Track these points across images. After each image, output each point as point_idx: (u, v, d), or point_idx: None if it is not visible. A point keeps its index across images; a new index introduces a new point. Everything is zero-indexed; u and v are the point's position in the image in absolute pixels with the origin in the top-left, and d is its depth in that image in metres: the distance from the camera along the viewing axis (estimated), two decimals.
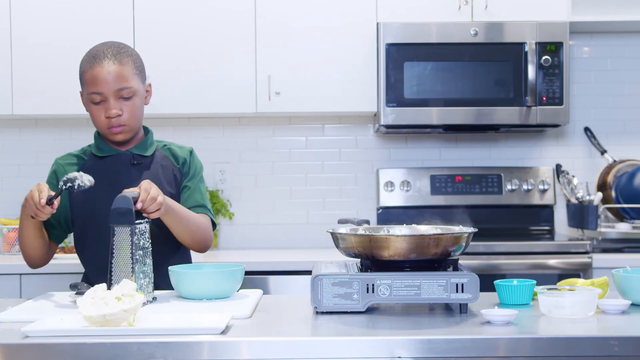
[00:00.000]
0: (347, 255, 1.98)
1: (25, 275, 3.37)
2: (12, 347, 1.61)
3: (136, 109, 2.33)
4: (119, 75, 2.27)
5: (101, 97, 2.29)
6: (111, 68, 2.27)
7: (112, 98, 2.28)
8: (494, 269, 3.38)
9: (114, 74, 2.27)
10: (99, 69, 2.27)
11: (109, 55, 2.28)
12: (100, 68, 2.27)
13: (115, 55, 2.29)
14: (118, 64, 2.28)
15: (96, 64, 2.27)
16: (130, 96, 2.30)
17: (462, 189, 3.94)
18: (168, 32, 3.67)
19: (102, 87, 2.27)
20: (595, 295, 1.83)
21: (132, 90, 2.30)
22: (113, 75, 2.27)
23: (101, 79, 2.26)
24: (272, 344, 1.63)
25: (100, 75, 2.26)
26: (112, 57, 2.28)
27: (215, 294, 2.06)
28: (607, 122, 4.07)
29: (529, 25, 3.62)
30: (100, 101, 2.29)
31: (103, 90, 2.27)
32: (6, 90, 3.65)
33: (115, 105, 2.29)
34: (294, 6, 3.68)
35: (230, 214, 3.97)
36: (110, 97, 2.28)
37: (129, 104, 2.31)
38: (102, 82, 2.26)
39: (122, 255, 1.99)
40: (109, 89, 2.27)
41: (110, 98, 2.28)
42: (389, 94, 3.62)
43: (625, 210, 3.86)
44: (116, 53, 2.29)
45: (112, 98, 2.28)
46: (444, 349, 1.61)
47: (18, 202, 3.97)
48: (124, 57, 2.30)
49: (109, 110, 2.29)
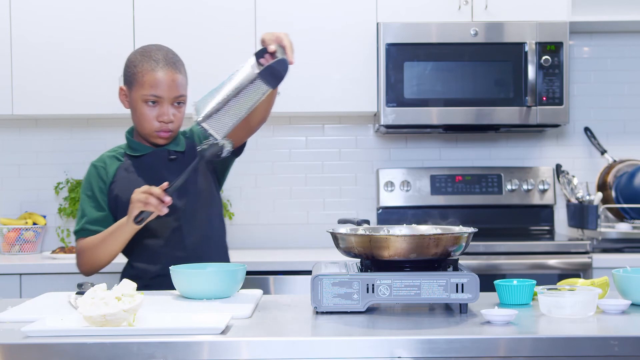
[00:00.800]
0: (347, 255, 1.98)
1: (25, 275, 3.37)
2: (12, 347, 1.61)
3: (182, 118, 2.42)
4: (179, 83, 2.37)
5: (158, 100, 2.35)
6: (174, 76, 2.36)
7: (167, 103, 2.36)
8: (494, 269, 3.38)
9: (176, 81, 2.36)
10: (162, 74, 2.34)
11: (169, 63, 2.36)
12: (162, 74, 2.34)
13: (175, 63, 2.38)
14: (178, 72, 2.38)
15: (159, 69, 2.35)
16: (182, 103, 2.40)
17: (462, 189, 3.94)
18: (168, 32, 3.67)
19: (162, 91, 2.34)
20: (595, 295, 1.83)
21: (185, 98, 2.41)
22: (174, 83, 2.36)
23: (162, 85, 2.34)
24: (272, 344, 1.63)
25: (162, 80, 2.34)
26: (172, 64, 2.37)
27: (215, 293, 2.05)
28: (607, 122, 4.07)
29: (529, 25, 3.62)
30: (155, 103, 2.35)
31: (163, 95, 2.35)
32: (6, 90, 3.65)
33: (170, 111, 2.37)
34: (294, 6, 3.68)
35: (230, 214, 3.97)
36: (166, 102, 2.36)
37: (180, 111, 2.40)
38: (162, 87, 2.34)
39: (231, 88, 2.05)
40: (168, 94, 2.35)
41: (166, 103, 2.36)
42: (389, 94, 3.62)
43: (625, 210, 3.86)
44: (175, 60, 2.39)
45: (167, 103, 2.36)
46: (444, 349, 1.61)
47: (18, 202, 4.01)
48: (181, 66, 2.41)
49: (163, 115, 2.36)
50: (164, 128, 2.38)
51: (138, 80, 2.36)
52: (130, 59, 2.41)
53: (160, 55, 2.37)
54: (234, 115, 2.08)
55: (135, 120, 2.43)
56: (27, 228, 3.77)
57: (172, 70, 2.36)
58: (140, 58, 2.38)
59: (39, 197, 4.01)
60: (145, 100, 2.36)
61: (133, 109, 2.41)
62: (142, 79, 2.35)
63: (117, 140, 3.98)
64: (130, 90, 2.40)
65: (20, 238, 3.74)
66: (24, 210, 4.00)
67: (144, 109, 2.37)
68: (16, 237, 3.74)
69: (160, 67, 2.34)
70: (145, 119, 2.37)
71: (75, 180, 3.92)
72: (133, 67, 2.38)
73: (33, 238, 3.78)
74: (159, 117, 2.36)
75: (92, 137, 4.02)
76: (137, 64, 2.37)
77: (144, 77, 2.35)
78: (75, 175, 3.98)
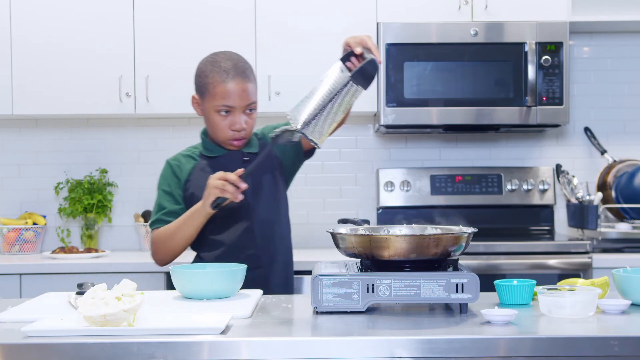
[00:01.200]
0: (347, 255, 1.98)
1: (25, 275, 3.37)
2: (12, 347, 1.61)
3: (255, 121, 2.46)
4: (248, 92, 2.40)
5: (230, 109, 2.39)
6: (244, 85, 2.39)
7: (239, 112, 2.40)
8: (494, 269, 3.38)
9: (247, 91, 2.39)
10: (233, 85, 2.38)
11: (239, 72, 2.39)
12: (233, 85, 2.38)
13: (244, 72, 2.40)
14: (247, 81, 2.40)
15: (229, 80, 2.38)
16: (253, 110, 2.43)
17: (462, 189, 3.94)
18: (168, 32, 3.67)
19: (233, 102, 2.38)
20: (595, 295, 1.83)
21: (255, 105, 2.44)
22: (246, 92, 2.39)
23: (233, 95, 2.38)
24: (272, 344, 1.63)
25: (233, 91, 2.37)
26: (241, 74, 2.39)
27: (216, 293, 2.06)
28: (607, 122, 4.07)
29: (529, 25, 3.62)
30: (227, 113, 2.39)
31: (235, 105, 2.38)
32: (6, 90, 3.65)
33: (242, 120, 2.40)
34: (294, 6, 3.68)
35: None
36: (238, 111, 2.40)
37: (251, 117, 2.44)
38: (233, 97, 2.38)
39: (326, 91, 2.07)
40: (239, 104, 2.39)
41: (238, 112, 2.40)
42: (389, 94, 3.62)
43: (625, 210, 3.86)
44: (243, 69, 2.41)
45: (239, 112, 2.40)
46: (444, 349, 1.61)
47: (18, 202, 4.01)
48: (250, 73, 2.43)
49: (235, 124, 2.40)
50: (237, 136, 2.42)
51: (209, 91, 2.40)
52: (201, 69, 2.44)
53: (230, 64, 2.40)
54: (330, 119, 2.11)
55: (209, 128, 2.48)
56: (27, 228, 3.77)
57: (242, 79, 2.39)
58: (210, 68, 2.41)
59: (39, 197, 4.01)
60: (217, 110, 2.40)
61: (206, 117, 2.46)
62: (213, 90, 2.39)
63: (117, 140, 4.01)
64: (202, 99, 2.44)
65: (20, 238, 3.74)
66: (24, 210, 4.00)
67: (217, 119, 2.41)
68: (16, 237, 3.74)
69: (231, 78, 2.38)
70: (219, 128, 2.42)
71: (75, 180, 3.92)
72: (204, 78, 2.42)
73: (33, 238, 3.78)
74: (232, 126, 2.41)
75: (92, 137, 4.02)
76: (208, 74, 2.41)
77: (215, 88, 2.39)
78: (75, 175, 3.98)
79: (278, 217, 2.52)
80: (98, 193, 3.86)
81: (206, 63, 2.44)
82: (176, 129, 4.02)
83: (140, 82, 3.65)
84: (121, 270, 3.35)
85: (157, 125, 4.03)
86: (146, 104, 3.66)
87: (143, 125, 4.02)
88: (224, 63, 2.40)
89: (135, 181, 4.02)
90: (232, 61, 2.41)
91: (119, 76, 3.65)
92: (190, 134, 4.02)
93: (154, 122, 4.02)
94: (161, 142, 4.03)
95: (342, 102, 2.11)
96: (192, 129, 4.02)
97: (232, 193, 2.22)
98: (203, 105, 2.45)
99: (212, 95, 2.40)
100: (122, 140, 4.03)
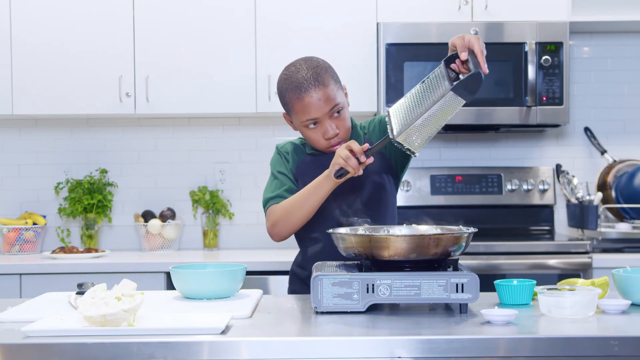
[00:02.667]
0: (347, 255, 1.98)
1: (25, 275, 3.37)
2: (12, 347, 1.61)
3: (346, 120, 2.40)
4: (327, 98, 2.33)
5: (316, 120, 2.35)
6: (319, 94, 2.32)
7: (325, 120, 2.35)
8: (494, 269, 3.38)
9: (323, 98, 2.33)
10: (308, 98, 2.32)
11: (311, 81, 2.33)
12: (309, 98, 2.32)
13: (317, 80, 2.33)
14: (323, 87, 2.33)
15: (304, 94, 2.33)
16: (339, 110, 2.37)
17: (462, 189, 3.94)
18: (168, 32, 3.67)
19: (315, 113, 2.33)
20: (595, 295, 1.83)
21: (340, 105, 2.37)
22: (323, 100, 2.33)
23: (313, 107, 2.32)
24: (272, 344, 1.63)
25: (311, 104, 2.32)
26: (315, 83, 2.33)
27: (216, 293, 2.05)
28: (607, 122, 4.07)
29: (529, 25, 3.62)
30: (315, 124, 2.36)
31: (317, 116, 2.34)
32: (6, 90, 3.65)
33: (331, 126, 2.35)
34: (294, 6, 3.68)
35: (230, 214, 3.97)
36: (324, 119, 2.35)
37: (340, 118, 2.37)
38: (314, 109, 2.33)
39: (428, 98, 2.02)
40: (322, 113, 2.33)
41: (325, 120, 2.35)
42: (389, 94, 3.62)
43: (625, 210, 3.86)
44: (317, 76, 2.34)
45: (325, 120, 2.35)
46: (444, 349, 1.61)
47: (18, 202, 4.01)
48: (324, 78, 2.35)
49: (327, 133, 2.35)
50: (333, 143, 2.37)
51: (291, 109, 2.38)
52: (279, 89, 2.41)
53: (302, 75, 2.34)
54: (428, 130, 2.05)
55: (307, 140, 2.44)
56: (27, 228, 3.77)
57: (317, 88, 2.33)
58: (286, 86, 2.37)
59: (39, 197, 4.01)
60: (305, 125, 2.37)
61: (300, 132, 2.43)
62: (293, 108, 2.36)
63: (117, 140, 4.01)
64: (290, 116, 2.42)
65: (20, 238, 3.74)
66: (24, 210, 4.00)
67: (308, 133, 2.38)
68: (16, 237, 3.74)
69: (305, 90, 2.32)
70: (313, 141, 2.39)
71: (75, 180, 3.92)
72: (283, 97, 2.39)
73: (33, 238, 3.78)
74: (324, 135, 2.37)
75: (92, 137, 4.02)
76: (285, 93, 2.38)
77: (294, 106, 2.35)
78: (75, 175, 3.98)
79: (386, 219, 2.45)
80: (98, 193, 3.86)
81: (282, 81, 2.40)
82: (176, 129, 4.02)
83: (140, 82, 3.65)
84: (121, 270, 3.36)
85: (157, 125, 4.03)
86: (146, 104, 3.66)
87: (143, 125, 4.02)
88: (295, 76, 2.35)
89: (135, 181, 4.02)
90: (303, 71, 2.35)
91: (119, 76, 3.65)
92: (191, 133, 4.02)
93: (154, 122, 4.02)
94: (161, 142, 4.03)
95: (442, 113, 2.03)
96: (192, 129, 4.03)
97: (353, 168, 2.15)
98: (293, 121, 2.43)
99: (295, 112, 2.37)
100: (122, 140, 4.03)
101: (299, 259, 2.52)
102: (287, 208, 2.35)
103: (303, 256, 2.49)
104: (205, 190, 3.95)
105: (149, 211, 3.93)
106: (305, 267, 2.46)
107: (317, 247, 2.43)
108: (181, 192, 4.02)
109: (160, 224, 3.84)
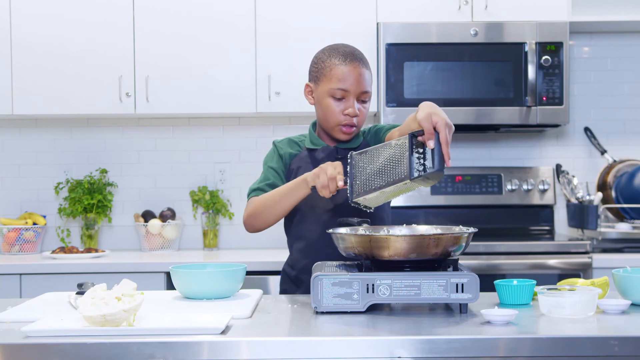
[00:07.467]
0: (347, 255, 1.99)
1: (25, 275, 3.37)
2: (12, 347, 1.62)
3: (366, 113, 2.43)
4: (366, 78, 2.38)
5: (344, 94, 2.37)
6: (362, 70, 2.37)
7: (354, 98, 2.37)
8: (494, 269, 3.38)
9: (363, 76, 2.37)
10: (351, 68, 2.36)
11: (360, 58, 2.39)
12: (353, 67, 2.36)
13: (362, 59, 2.39)
14: (365, 67, 2.39)
15: (349, 63, 2.36)
16: (367, 100, 2.41)
17: (462, 189, 3.94)
18: (168, 32, 3.67)
19: (349, 85, 2.36)
20: (595, 295, 1.83)
21: (369, 95, 2.41)
22: (363, 77, 2.37)
23: (351, 78, 2.35)
24: (272, 344, 1.63)
25: (353, 73, 2.36)
26: (360, 59, 2.38)
27: (216, 293, 2.06)
28: (607, 122, 4.07)
29: (529, 25, 3.62)
30: (341, 98, 2.38)
31: (351, 88, 2.36)
32: (6, 90, 3.65)
33: (356, 105, 2.37)
34: (294, 6, 3.68)
35: (230, 214, 3.97)
36: (352, 96, 2.37)
37: (365, 107, 2.41)
38: (353, 80, 2.36)
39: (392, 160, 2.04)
40: (356, 88, 2.36)
41: (352, 97, 2.37)
42: (389, 94, 3.62)
43: (625, 210, 3.86)
44: (361, 57, 2.40)
45: (354, 98, 2.37)
46: (444, 349, 1.61)
47: (18, 202, 4.01)
48: (367, 63, 2.42)
49: (348, 109, 2.37)
50: (349, 122, 2.38)
51: (326, 74, 2.39)
52: (318, 56, 2.45)
53: (349, 50, 2.40)
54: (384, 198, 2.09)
55: (320, 115, 2.44)
56: (27, 228, 3.77)
57: (359, 64, 2.37)
58: (328, 53, 2.41)
59: (39, 197, 4.01)
60: (331, 94, 2.38)
61: (318, 103, 2.43)
62: (329, 73, 2.38)
63: (117, 140, 4.01)
64: (317, 85, 2.43)
65: (20, 238, 3.74)
66: (24, 210, 4.00)
67: (330, 102, 2.38)
68: (16, 237, 3.74)
69: (349, 61, 2.36)
70: (331, 112, 2.39)
71: (75, 180, 3.92)
72: (321, 63, 2.41)
73: (33, 238, 3.78)
74: (345, 110, 2.37)
75: (92, 137, 4.02)
76: (325, 59, 2.41)
77: (332, 70, 2.37)
78: (75, 175, 3.98)
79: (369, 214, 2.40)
80: (98, 193, 3.86)
81: (324, 50, 2.44)
82: (176, 129, 4.02)
83: (140, 82, 3.65)
84: (121, 270, 3.36)
85: (157, 125, 4.03)
86: (146, 104, 3.66)
87: (143, 125, 4.02)
88: (342, 48, 2.40)
89: (135, 181, 4.02)
90: (350, 48, 2.41)
91: (119, 76, 3.65)
92: (191, 133, 4.02)
93: (154, 122, 4.02)
94: (161, 142, 4.03)
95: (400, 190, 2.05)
96: (192, 129, 4.03)
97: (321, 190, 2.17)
98: (317, 91, 2.43)
99: (329, 78, 2.38)
100: (122, 140, 4.03)
101: (288, 258, 2.54)
102: (263, 203, 2.37)
103: (290, 255, 2.52)
104: (205, 190, 3.95)
105: (149, 211, 3.93)
106: (293, 266, 2.48)
107: (300, 244, 2.46)
108: (181, 192, 4.02)
109: (160, 224, 3.84)
